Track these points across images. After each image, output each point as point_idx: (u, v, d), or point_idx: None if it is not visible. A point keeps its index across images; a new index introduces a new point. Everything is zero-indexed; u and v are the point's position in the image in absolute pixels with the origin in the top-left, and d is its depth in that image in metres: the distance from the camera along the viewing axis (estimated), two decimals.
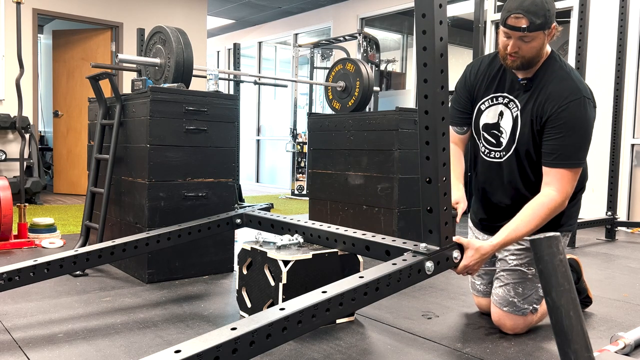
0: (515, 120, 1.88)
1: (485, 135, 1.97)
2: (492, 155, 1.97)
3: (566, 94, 1.76)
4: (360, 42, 6.59)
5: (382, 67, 7.76)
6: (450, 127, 1.99)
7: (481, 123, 1.98)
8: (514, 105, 1.89)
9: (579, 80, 1.80)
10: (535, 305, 1.94)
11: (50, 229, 3.62)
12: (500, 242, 1.70)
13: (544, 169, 1.81)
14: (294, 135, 7.60)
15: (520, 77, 1.88)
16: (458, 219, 1.86)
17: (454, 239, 1.65)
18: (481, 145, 2.00)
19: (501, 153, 1.94)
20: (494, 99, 1.94)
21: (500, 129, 1.92)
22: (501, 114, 1.92)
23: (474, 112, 2.00)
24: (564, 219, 1.92)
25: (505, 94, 1.91)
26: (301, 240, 2.08)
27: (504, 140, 1.91)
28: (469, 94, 2.01)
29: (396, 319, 2.12)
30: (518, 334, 1.95)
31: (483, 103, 1.97)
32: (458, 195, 1.93)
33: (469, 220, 2.21)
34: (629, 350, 1.69)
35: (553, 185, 1.76)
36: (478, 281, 2.14)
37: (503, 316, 1.94)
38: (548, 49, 1.87)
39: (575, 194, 1.93)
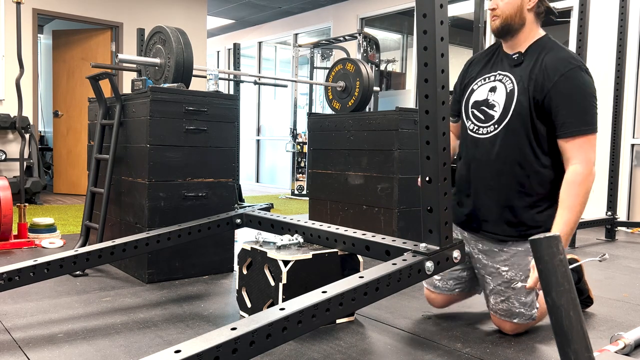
0: (510, 94, 1.87)
1: (475, 112, 1.96)
2: (480, 132, 1.94)
3: (565, 62, 1.78)
4: (360, 42, 6.59)
5: (382, 67, 7.76)
6: None
7: (471, 101, 1.99)
8: (508, 80, 1.89)
9: (572, 52, 1.86)
10: (537, 306, 1.92)
11: (50, 229, 3.62)
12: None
13: (562, 144, 1.78)
14: (294, 135, 7.60)
15: (511, 52, 1.93)
16: None
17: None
18: (469, 123, 1.98)
19: (490, 128, 1.90)
20: (487, 78, 1.97)
21: (491, 103, 1.92)
22: (493, 89, 1.93)
23: (467, 92, 2.02)
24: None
25: (498, 72, 1.95)
26: (301, 240, 2.08)
27: (497, 113, 1.89)
28: (462, 82, 2.09)
29: (396, 319, 2.12)
30: (518, 334, 1.95)
31: (476, 83, 2.00)
32: None
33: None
34: (629, 350, 1.69)
35: (575, 159, 1.74)
36: (437, 276, 2.06)
37: (511, 325, 1.91)
38: (541, 31, 1.93)
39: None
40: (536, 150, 1.84)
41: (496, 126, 1.89)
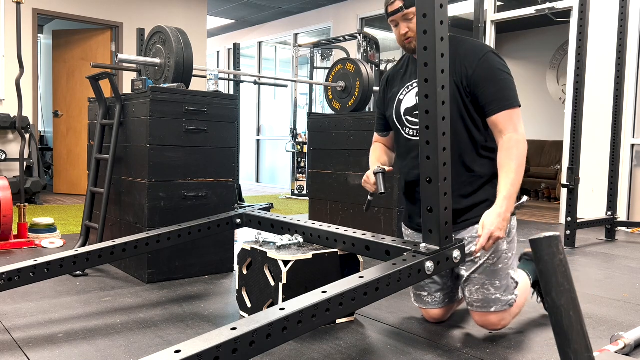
0: None
1: (409, 118, 2.01)
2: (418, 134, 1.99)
3: (479, 49, 1.91)
4: (360, 42, 6.59)
5: (382, 67, 7.76)
6: (376, 133, 2.25)
7: (402, 109, 2.03)
8: None
9: (478, 40, 1.97)
10: (515, 292, 1.90)
11: (50, 229, 3.62)
12: (507, 195, 1.75)
13: (492, 121, 1.86)
14: (294, 135, 7.60)
15: None
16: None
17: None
18: (406, 129, 2.02)
19: None
20: (409, 86, 2.03)
21: None
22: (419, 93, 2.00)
23: (394, 104, 2.06)
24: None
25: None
26: (301, 240, 2.08)
27: None
28: (384, 99, 2.15)
29: (396, 319, 2.12)
30: (502, 328, 1.91)
31: (401, 93, 2.05)
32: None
33: (403, 226, 2.15)
34: (629, 350, 1.69)
35: (508, 129, 1.83)
36: (424, 293, 2.05)
37: (489, 316, 1.88)
38: None
39: None
40: (476, 135, 1.90)
41: None
